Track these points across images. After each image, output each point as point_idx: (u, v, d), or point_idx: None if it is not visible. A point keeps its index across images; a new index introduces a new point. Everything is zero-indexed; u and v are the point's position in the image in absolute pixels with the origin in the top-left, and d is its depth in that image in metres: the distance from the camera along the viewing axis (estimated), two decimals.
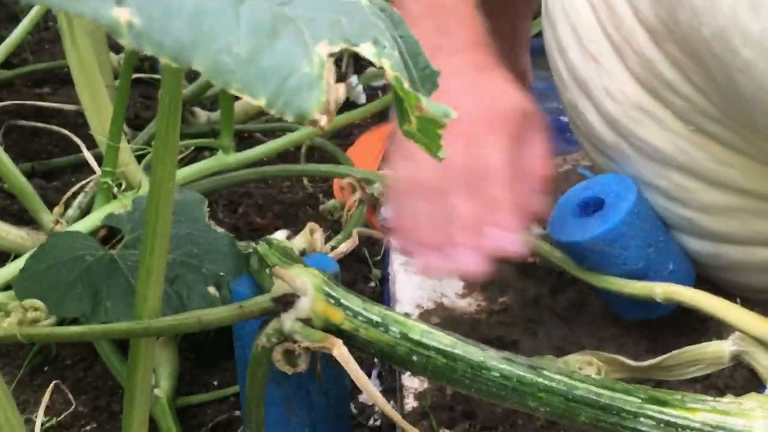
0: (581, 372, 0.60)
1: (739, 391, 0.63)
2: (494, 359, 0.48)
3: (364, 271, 0.88)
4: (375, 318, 0.50)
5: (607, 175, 0.66)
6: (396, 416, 0.48)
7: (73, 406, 0.65)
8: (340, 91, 0.24)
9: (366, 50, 0.27)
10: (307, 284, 0.50)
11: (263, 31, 0.23)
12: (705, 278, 0.67)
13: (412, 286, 0.75)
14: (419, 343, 0.49)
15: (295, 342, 0.49)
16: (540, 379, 0.48)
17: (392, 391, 0.70)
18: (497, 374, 0.48)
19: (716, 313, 0.55)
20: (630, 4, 0.50)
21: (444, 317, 0.71)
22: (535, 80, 1.06)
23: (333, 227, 0.93)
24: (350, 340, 0.50)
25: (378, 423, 0.69)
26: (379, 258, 0.89)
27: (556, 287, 0.75)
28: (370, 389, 0.46)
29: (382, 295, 0.83)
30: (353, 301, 0.51)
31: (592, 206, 0.66)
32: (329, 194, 1.00)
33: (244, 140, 1.09)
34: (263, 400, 0.52)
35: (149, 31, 0.21)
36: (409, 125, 0.30)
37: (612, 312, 0.70)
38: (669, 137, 0.55)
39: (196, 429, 0.68)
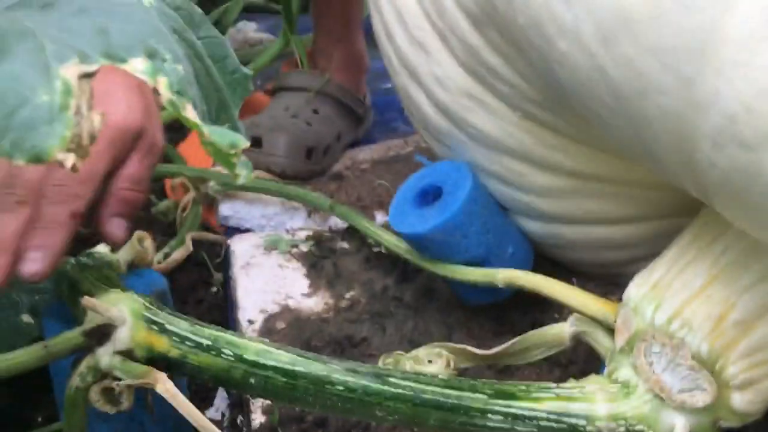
0: (431, 365, 0.59)
1: (581, 366, 0.64)
2: (337, 372, 0.46)
3: (204, 276, 0.82)
4: (205, 341, 0.46)
5: (443, 163, 0.65)
6: None
7: None
8: (95, 121, 0.19)
9: (136, 66, 0.22)
10: (124, 312, 0.45)
11: None
12: (544, 256, 0.68)
13: (256, 290, 0.71)
14: (255, 364, 0.45)
15: (115, 378, 0.44)
16: (386, 387, 0.46)
17: (240, 405, 0.66)
18: (341, 388, 0.45)
19: (555, 296, 0.56)
20: None
21: (290, 320, 0.68)
22: (374, 59, 1.04)
23: (168, 230, 0.87)
24: (180, 368, 0.46)
25: None
26: (220, 260, 0.83)
27: (403, 277, 0.73)
28: (203, 424, 0.42)
29: (225, 300, 0.79)
30: (180, 325, 0.46)
31: (431, 194, 0.64)
32: (162, 194, 0.93)
33: None
34: None
35: None
36: (205, 145, 0.26)
37: (458, 297, 0.69)
38: (499, 124, 0.55)
39: None
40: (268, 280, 0.72)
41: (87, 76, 0.20)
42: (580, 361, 0.63)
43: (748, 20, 0.30)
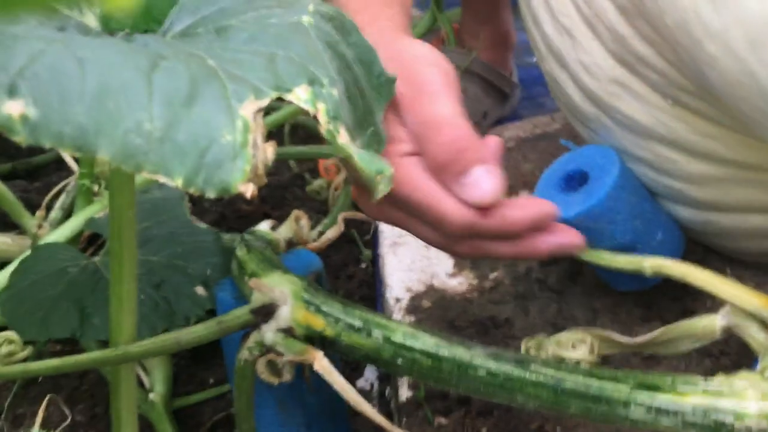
0: (574, 350, 0.60)
1: (734, 358, 0.62)
2: (480, 357, 0.48)
3: (355, 252, 0.87)
4: (356, 323, 0.49)
5: (590, 147, 0.64)
6: (381, 420, 0.48)
7: (69, 418, 0.66)
8: (268, 152, 0.22)
9: (300, 96, 0.25)
10: (286, 293, 0.50)
11: (179, 98, 0.21)
12: (697, 242, 0.66)
13: (402, 269, 0.75)
14: (403, 346, 0.48)
15: (278, 354, 0.49)
16: (527, 375, 0.47)
17: (388, 378, 0.70)
18: (484, 372, 0.47)
19: (706, 288, 0.54)
20: None
21: (435, 299, 0.71)
22: (521, 31, 1.03)
23: (322, 208, 0.92)
24: (333, 346, 0.50)
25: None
26: (369, 237, 0.88)
27: (547, 260, 0.74)
28: (355, 399, 0.46)
29: (374, 276, 0.83)
30: (334, 307, 0.50)
31: (577, 179, 0.64)
32: (316, 173, 0.98)
33: None
34: (252, 410, 0.52)
35: (47, 122, 0.19)
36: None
37: (605, 282, 0.69)
38: (648, 110, 0.53)
39: (194, 429, 0.68)
40: (414, 260, 0.75)
41: (260, 110, 0.23)
42: (733, 352, 0.61)
43: None
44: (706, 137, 0.51)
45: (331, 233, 0.78)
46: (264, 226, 0.65)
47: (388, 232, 0.79)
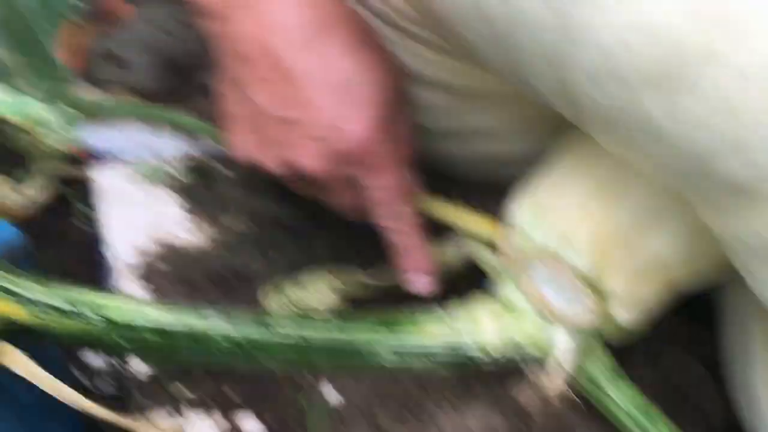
0: (319, 295, 0.58)
1: (472, 284, 0.65)
2: (217, 325, 0.43)
3: (72, 212, 0.76)
4: (66, 306, 0.42)
5: None
6: (104, 414, 0.41)
7: None
8: None
9: None
10: None
11: None
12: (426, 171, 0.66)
13: (128, 226, 0.66)
14: (126, 326, 0.42)
15: None
16: (271, 336, 0.44)
17: None
18: (223, 341, 0.43)
19: (440, 216, 0.54)
20: None
21: (171, 259, 0.64)
22: None
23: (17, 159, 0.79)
24: (43, 336, 0.42)
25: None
26: (84, 190, 0.77)
27: (290, 200, 0.70)
28: (67, 396, 0.39)
29: (93, 236, 0.73)
30: (34, 290, 0.42)
31: None
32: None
33: None
34: None
35: None
36: None
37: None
38: None
39: None
40: (142, 217, 0.67)
41: None
42: (470, 279, 0.63)
43: None
44: (429, 65, 0.50)
45: (35, 195, 0.68)
46: None
47: (108, 187, 0.70)
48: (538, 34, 0.30)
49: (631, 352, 0.58)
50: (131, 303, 0.43)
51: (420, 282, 0.52)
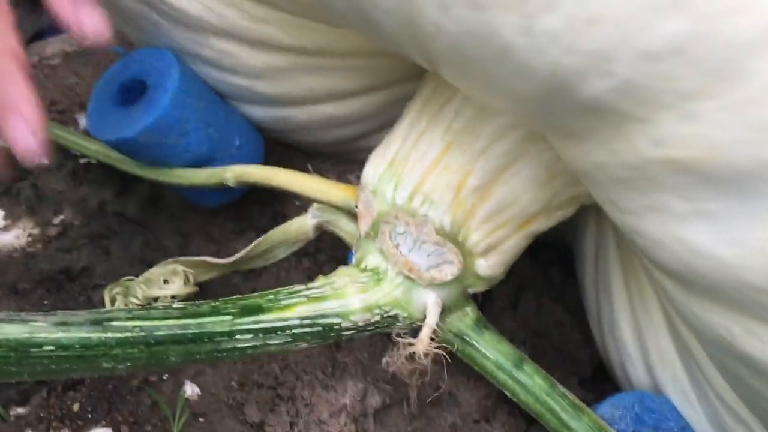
0: (167, 286, 0.53)
1: (330, 252, 0.62)
2: (44, 329, 0.37)
3: None
4: None
5: (143, 50, 0.55)
6: None
7: None
8: None
9: None
10: None
11: None
12: (277, 141, 0.63)
13: None
14: None
15: None
16: (110, 334, 0.38)
17: None
18: (52, 347, 0.37)
19: (290, 187, 0.51)
20: None
21: None
22: None
23: None
24: None
25: None
26: None
27: (122, 187, 0.64)
28: None
29: None
30: None
31: (136, 90, 0.55)
32: None
33: None
34: None
35: None
36: None
37: (191, 201, 0.62)
38: None
39: None
40: None
41: None
42: (328, 247, 0.60)
43: None
44: (260, 22, 0.46)
45: None
46: None
47: None
48: None
49: (493, 300, 0.58)
50: None
51: (25, 142, 0.41)
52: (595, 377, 0.57)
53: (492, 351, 0.46)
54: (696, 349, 0.44)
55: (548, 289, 0.60)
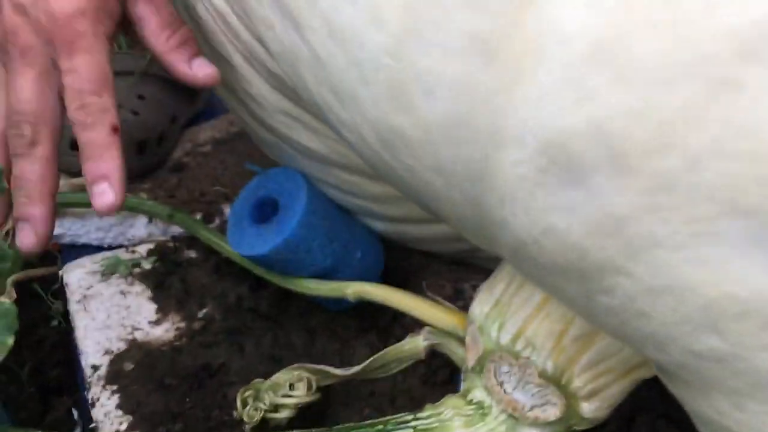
0: (292, 392, 0.57)
1: (444, 358, 0.64)
2: None
3: (43, 308, 0.75)
4: None
5: (277, 171, 0.60)
6: None
7: None
8: None
9: None
10: None
11: None
12: (399, 246, 0.66)
13: (97, 327, 0.66)
14: None
15: None
16: None
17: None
18: None
19: (404, 309, 0.54)
20: (240, 20, 0.43)
21: (139, 358, 0.63)
22: None
23: None
24: None
25: None
26: (58, 285, 0.76)
27: (257, 283, 0.69)
28: None
29: (70, 335, 0.72)
30: None
31: (269, 206, 0.60)
32: None
33: None
34: None
35: None
36: None
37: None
38: (321, 140, 0.51)
39: None
40: (109, 313, 0.67)
41: None
42: (438, 365, 0.62)
43: (521, 164, 0.26)
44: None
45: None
46: None
47: (74, 285, 0.70)
48: (458, 211, 0.29)
49: (604, 423, 0.58)
50: None
51: (102, 196, 0.44)
52: None
53: None
54: None
55: (666, 410, 0.59)
